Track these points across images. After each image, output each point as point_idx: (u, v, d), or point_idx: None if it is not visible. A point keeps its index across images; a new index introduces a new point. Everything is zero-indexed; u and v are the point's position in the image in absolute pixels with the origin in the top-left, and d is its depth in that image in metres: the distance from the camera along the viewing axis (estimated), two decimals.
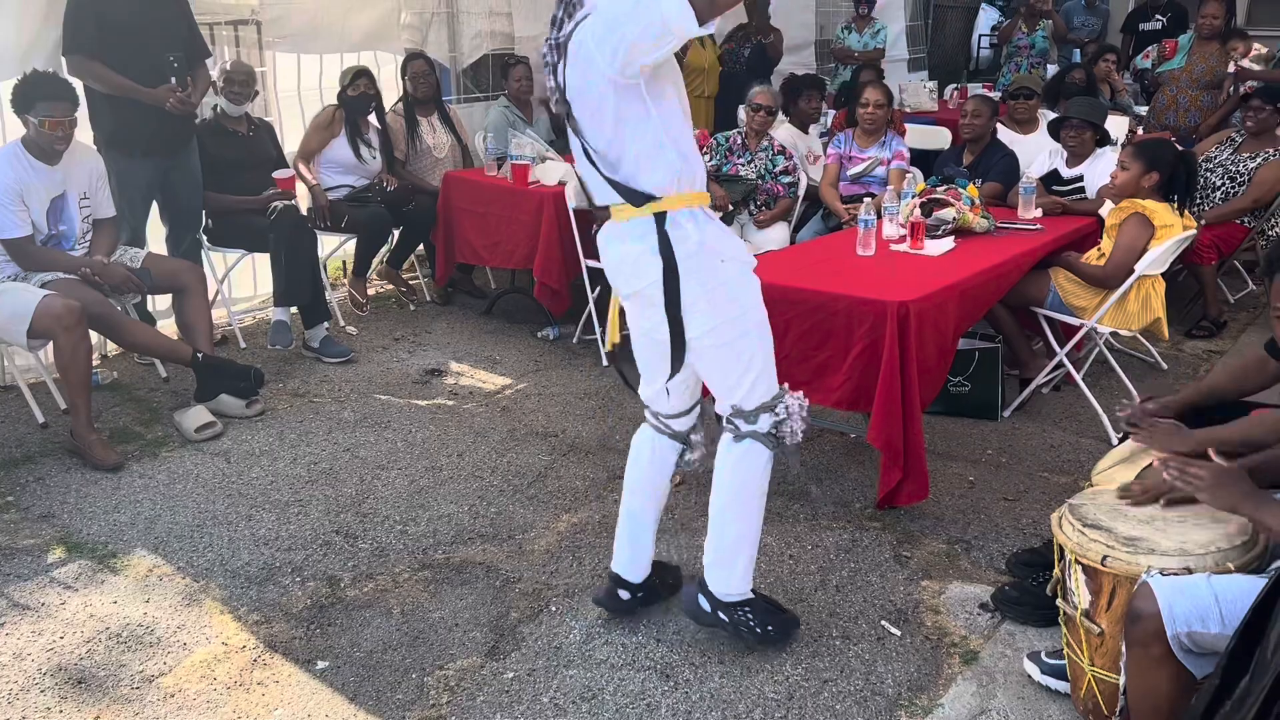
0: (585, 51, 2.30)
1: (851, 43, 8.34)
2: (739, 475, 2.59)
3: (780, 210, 5.36)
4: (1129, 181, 4.02)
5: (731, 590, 2.66)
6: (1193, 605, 1.92)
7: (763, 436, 2.54)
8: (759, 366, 2.51)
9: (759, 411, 2.53)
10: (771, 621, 2.70)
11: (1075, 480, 3.67)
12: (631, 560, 2.82)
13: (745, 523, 2.64)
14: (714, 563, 2.67)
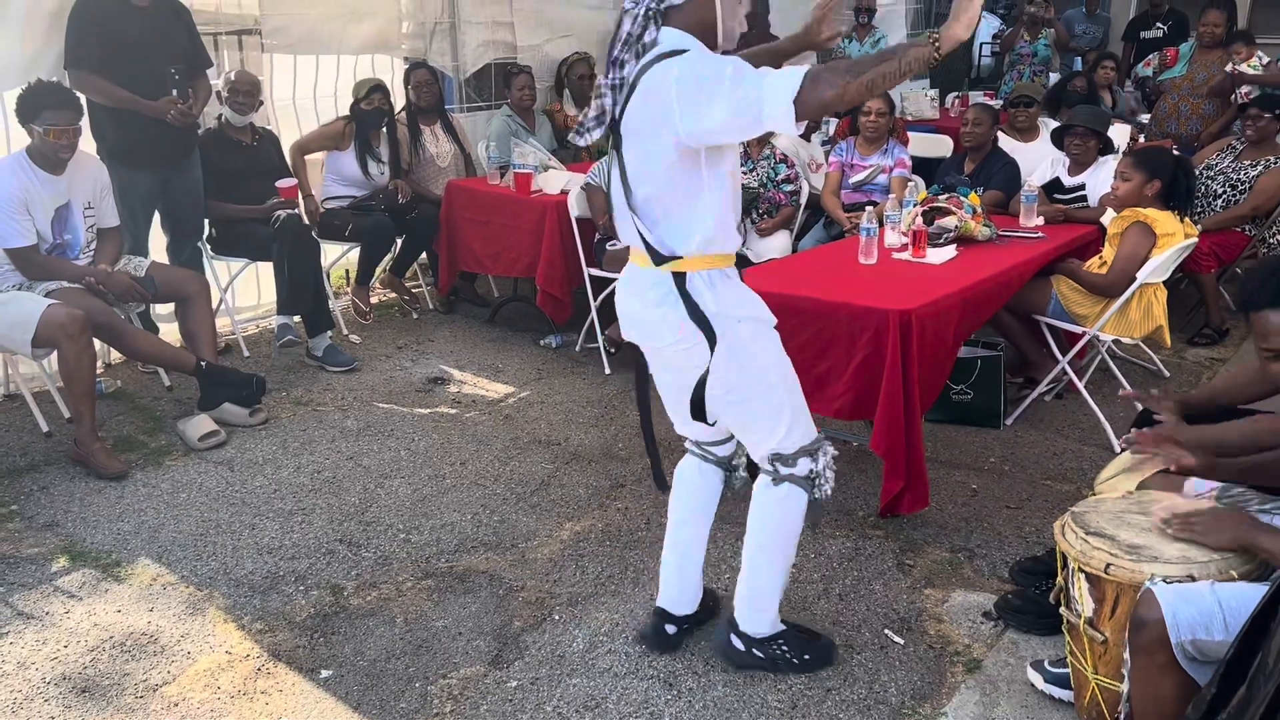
0: (661, 98, 2.22)
1: (852, 51, 8.35)
2: (777, 518, 2.56)
3: (782, 218, 5.36)
4: (1132, 191, 4.03)
5: (764, 628, 2.66)
6: (1197, 613, 1.93)
7: (801, 480, 2.51)
8: (789, 416, 2.48)
9: (798, 455, 2.50)
10: (808, 650, 2.68)
11: (1078, 488, 3.67)
12: (680, 593, 2.77)
13: (781, 565, 2.62)
14: (748, 604, 2.65)
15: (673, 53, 2.25)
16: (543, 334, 5.29)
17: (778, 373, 2.46)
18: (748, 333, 2.41)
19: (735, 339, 2.39)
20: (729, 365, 2.39)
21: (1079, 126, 4.84)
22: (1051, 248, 4.25)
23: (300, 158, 5.38)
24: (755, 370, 2.42)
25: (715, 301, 2.37)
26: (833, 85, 2.10)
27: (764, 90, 2.12)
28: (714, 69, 2.18)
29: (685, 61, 2.22)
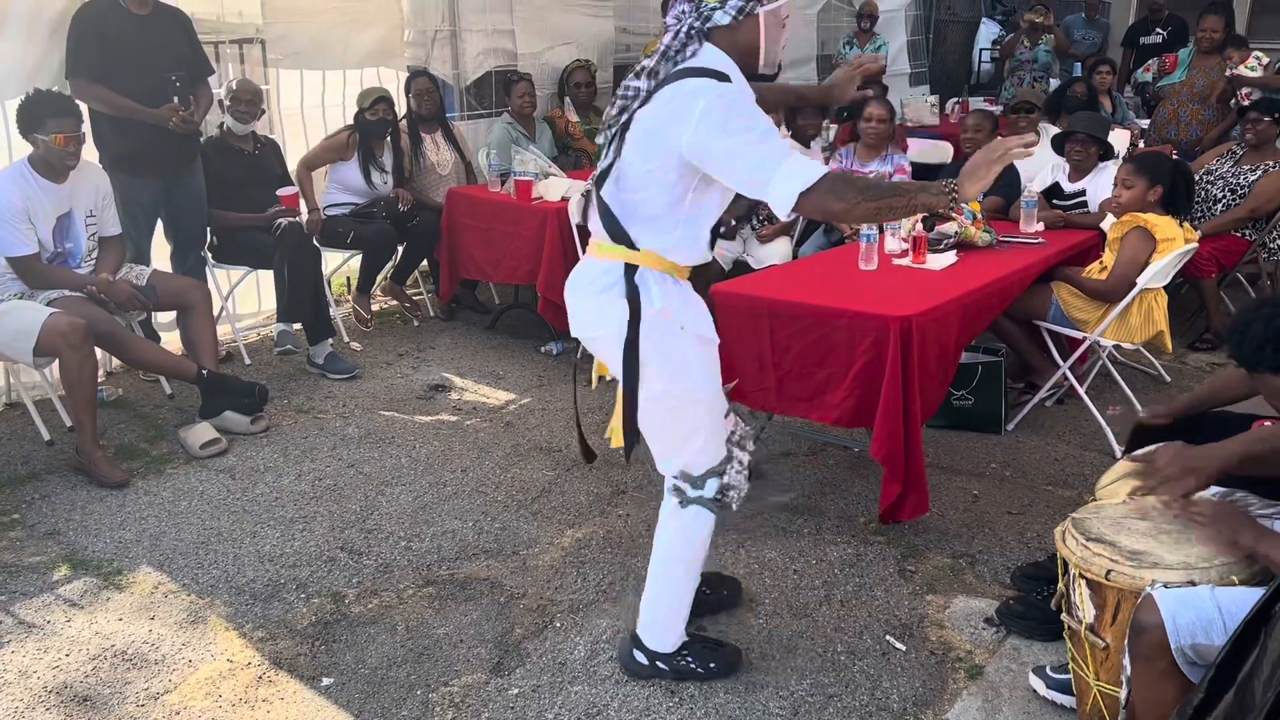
0: (684, 107, 2.22)
1: (851, 56, 8.36)
2: (682, 540, 2.57)
3: (782, 225, 5.37)
4: (1135, 198, 4.04)
5: (667, 644, 2.66)
6: (1197, 617, 1.92)
7: (708, 502, 2.53)
8: (705, 434, 2.50)
9: (707, 476, 2.52)
10: (713, 659, 2.68)
11: (1079, 494, 3.66)
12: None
13: (687, 584, 2.63)
14: (653, 621, 2.65)
15: (709, 71, 2.25)
16: (544, 341, 5.30)
17: (706, 391, 2.47)
18: (689, 343, 2.41)
19: (675, 346, 2.39)
20: (665, 371, 2.40)
21: (1080, 133, 4.85)
22: (1052, 253, 4.26)
23: (307, 174, 5.38)
24: (687, 383, 2.42)
25: (662, 298, 2.37)
26: (843, 199, 2.16)
27: (780, 168, 2.16)
28: (747, 117, 2.21)
29: (724, 92, 2.22)
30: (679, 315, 2.40)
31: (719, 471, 2.54)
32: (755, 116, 2.22)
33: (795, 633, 2.87)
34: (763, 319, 3.48)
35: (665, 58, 2.31)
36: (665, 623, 2.65)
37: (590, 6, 7.07)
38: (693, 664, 2.65)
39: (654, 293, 2.37)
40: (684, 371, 2.42)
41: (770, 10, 2.33)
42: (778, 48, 2.38)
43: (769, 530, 3.44)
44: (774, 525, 3.48)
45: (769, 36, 2.35)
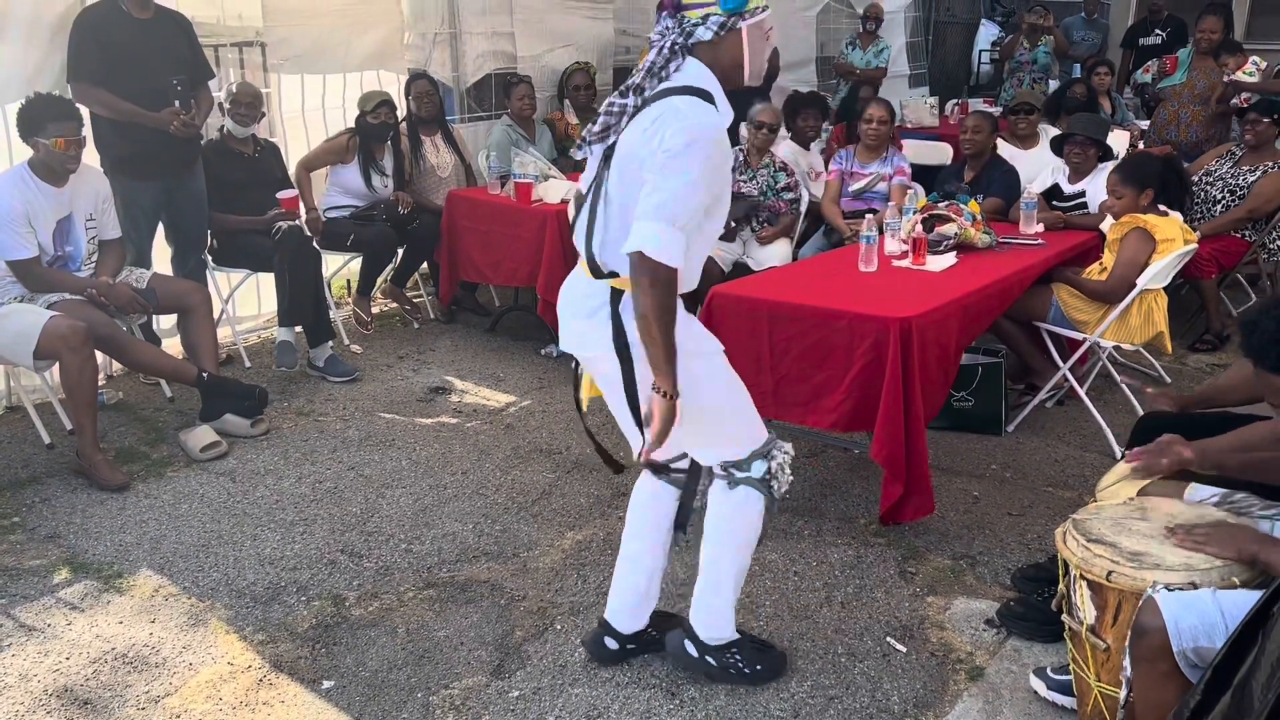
0: (658, 130, 2.21)
1: (855, 59, 8.38)
2: (734, 523, 2.54)
3: (782, 227, 5.37)
4: (1129, 206, 4.06)
5: (720, 635, 2.64)
6: (1199, 620, 1.92)
7: (757, 483, 2.50)
8: (732, 425, 2.48)
9: (753, 459, 2.50)
10: (760, 660, 2.67)
11: (1080, 495, 3.66)
12: (620, 608, 2.71)
13: (739, 570, 2.60)
14: (705, 609, 2.63)
15: (693, 90, 2.25)
16: (544, 343, 5.30)
17: (725, 398, 2.45)
18: (691, 350, 2.36)
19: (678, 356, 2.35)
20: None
21: (1079, 135, 4.85)
22: (1051, 254, 4.26)
23: (306, 175, 5.39)
24: (699, 386, 2.38)
25: None
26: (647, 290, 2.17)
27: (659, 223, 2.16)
28: (695, 170, 2.18)
29: (702, 139, 2.19)
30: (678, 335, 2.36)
31: (764, 454, 2.51)
32: (700, 169, 2.19)
33: (796, 634, 2.87)
34: (762, 321, 3.48)
35: (650, 74, 2.30)
36: (718, 611, 2.62)
37: (590, 9, 7.08)
38: (740, 662, 2.64)
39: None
40: (696, 392, 2.36)
41: (753, 24, 2.32)
42: (762, 60, 2.38)
43: (769, 532, 3.43)
44: (774, 527, 3.47)
45: (753, 50, 2.34)
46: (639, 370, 2.36)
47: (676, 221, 2.18)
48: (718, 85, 2.32)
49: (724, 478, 2.53)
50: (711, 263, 5.08)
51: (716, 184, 2.28)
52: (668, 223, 2.17)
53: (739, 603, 2.66)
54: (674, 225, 2.17)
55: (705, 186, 2.22)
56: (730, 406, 2.47)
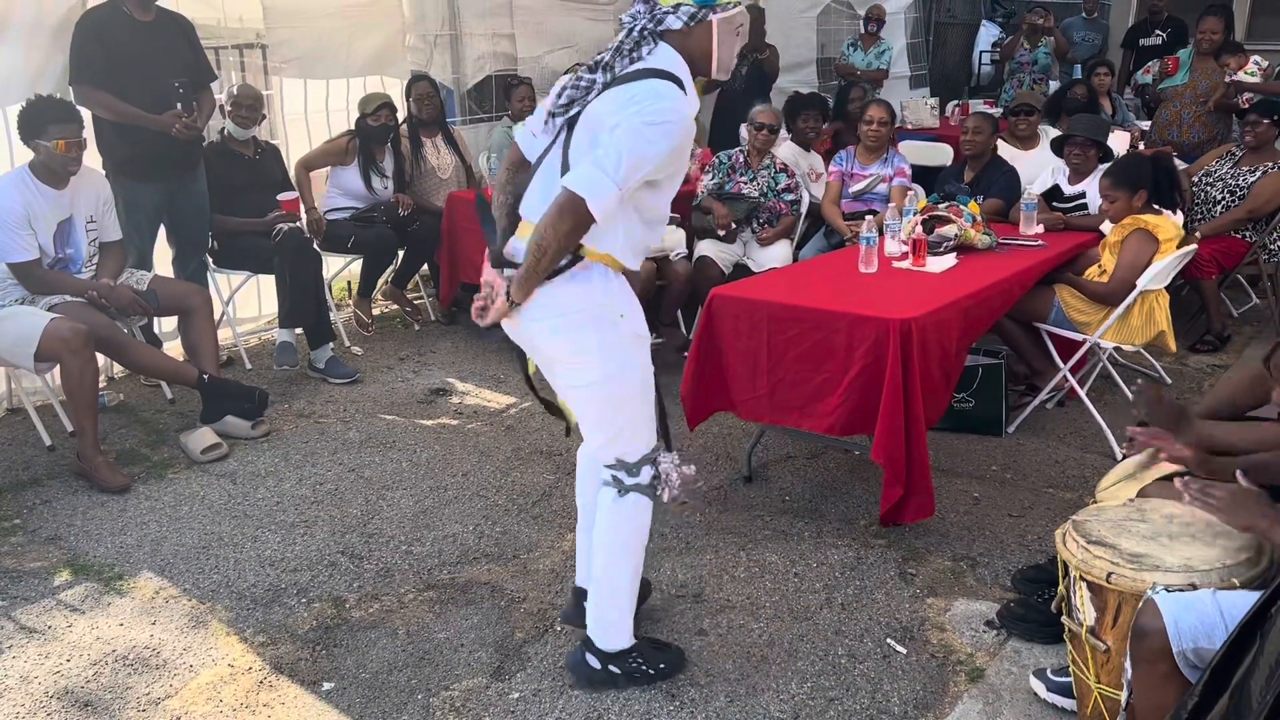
0: (624, 103, 2.28)
1: (856, 60, 8.38)
2: (625, 529, 2.58)
3: (783, 228, 5.37)
4: (1123, 209, 4.06)
5: (621, 642, 2.66)
6: (1199, 622, 1.92)
7: (645, 489, 2.55)
8: (640, 422, 2.53)
9: (641, 464, 2.55)
10: (661, 659, 2.70)
11: (1080, 496, 3.66)
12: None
13: (634, 575, 2.64)
14: (603, 621, 2.65)
15: (663, 73, 2.30)
16: None
17: (641, 378, 2.51)
18: (627, 332, 2.45)
19: (616, 335, 2.43)
20: (605, 358, 2.43)
21: (1079, 136, 4.85)
22: (1052, 255, 4.26)
23: (305, 175, 5.40)
24: (627, 371, 2.46)
25: (605, 293, 2.40)
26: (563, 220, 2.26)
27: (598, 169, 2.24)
28: (656, 141, 2.25)
29: (670, 115, 2.27)
30: (619, 306, 2.45)
31: (651, 459, 2.57)
32: (665, 149, 2.27)
33: (796, 636, 2.87)
34: (761, 322, 3.48)
35: (620, 54, 2.36)
36: (619, 620, 2.65)
37: (590, 10, 7.08)
38: (643, 665, 2.66)
39: (596, 283, 2.40)
40: (622, 361, 2.45)
41: (724, 18, 2.37)
42: (730, 54, 2.43)
43: (769, 534, 3.45)
44: (774, 529, 3.48)
45: (722, 44, 2.39)
46: (600, 337, 2.41)
47: (620, 181, 2.25)
48: (688, 73, 2.37)
49: (613, 486, 2.56)
50: (711, 264, 5.09)
51: (672, 166, 2.36)
52: (611, 178, 2.24)
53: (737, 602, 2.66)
54: (616, 183, 2.24)
55: (661, 165, 2.30)
56: (643, 396, 2.53)
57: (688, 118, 2.32)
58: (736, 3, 2.39)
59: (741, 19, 2.41)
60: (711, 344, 3.61)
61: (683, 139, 2.32)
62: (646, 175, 2.30)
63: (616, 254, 2.42)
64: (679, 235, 5.05)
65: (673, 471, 2.58)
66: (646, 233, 2.47)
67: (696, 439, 4.17)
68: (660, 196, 2.44)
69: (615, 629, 2.65)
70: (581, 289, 2.39)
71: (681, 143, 2.32)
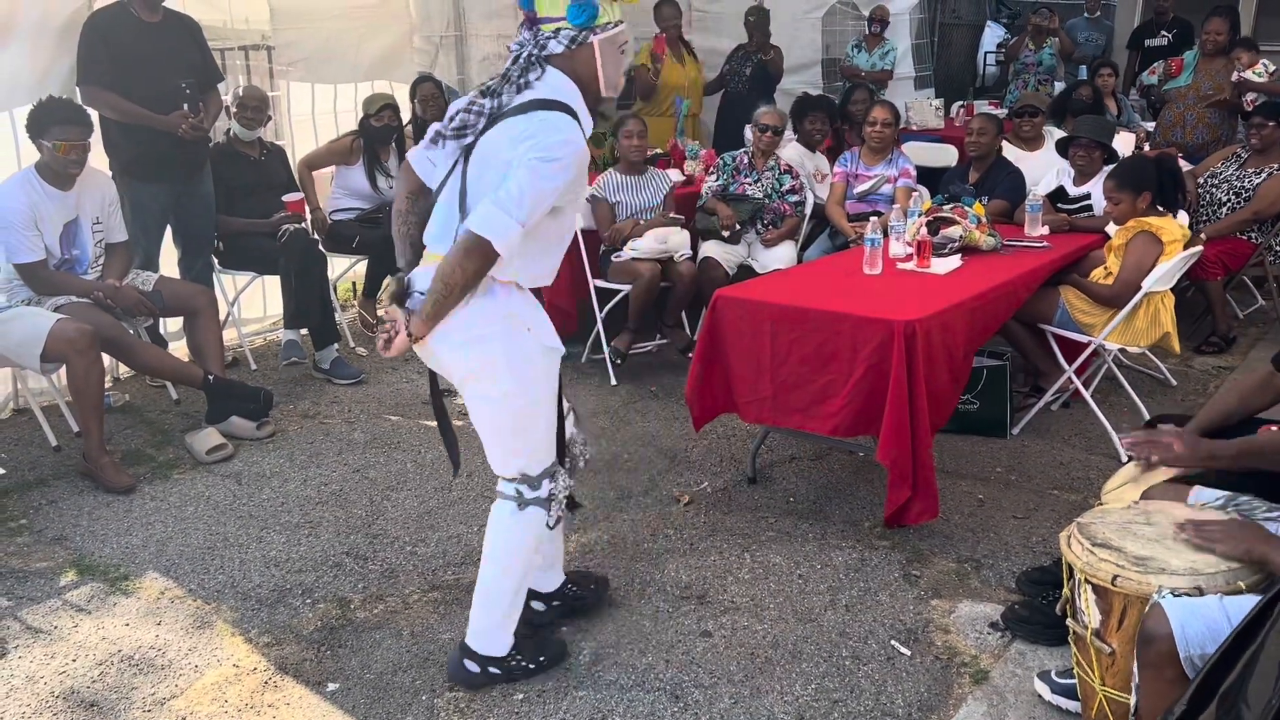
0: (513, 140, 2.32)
1: (860, 62, 8.37)
2: (519, 542, 2.61)
3: (787, 229, 5.37)
4: (1127, 211, 4.06)
5: (500, 647, 2.68)
6: (1206, 627, 1.92)
7: (543, 502, 2.58)
8: (542, 436, 2.57)
9: (542, 477, 2.58)
10: (542, 653, 2.72)
11: (1085, 498, 3.66)
12: (538, 570, 2.84)
13: (521, 585, 2.66)
14: (488, 628, 2.66)
15: (549, 103, 2.34)
16: None
17: (546, 392, 2.54)
18: (534, 346, 2.48)
19: (523, 348, 2.46)
20: (512, 372, 2.45)
21: (1084, 138, 4.84)
22: (1057, 257, 4.25)
23: (308, 172, 5.41)
24: (533, 384, 2.49)
25: (508, 306, 2.44)
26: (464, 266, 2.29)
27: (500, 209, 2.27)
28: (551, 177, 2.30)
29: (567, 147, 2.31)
30: (525, 319, 2.48)
31: (551, 473, 2.60)
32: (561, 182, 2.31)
33: (800, 637, 2.87)
34: (765, 324, 3.48)
35: (508, 81, 2.40)
36: (500, 627, 2.67)
37: None
38: (525, 663, 2.69)
39: (500, 301, 2.43)
40: (530, 373, 2.48)
41: (605, 39, 2.41)
42: (616, 73, 2.47)
43: (774, 535, 3.45)
44: (778, 530, 3.48)
45: (606, 63, 2.43)
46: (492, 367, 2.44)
47: (523, 219, 2.29)
48: (579, 97, 2.41)
49: (513, 500, 2.59)
50: (716, 265, 5.09)
51: (572, 193, 2.42)
52: (514, 216, 2.28)
53: (741, 604, 2.66)
54: (518, 221, 2.28)
55: (559, 193, 2.34)
56: (547, 410, 2.56)
57: (582, 147, 2.36)
58: (617, 22, 2.44)
59: (624, 37, 2.47)
60: (716, 345, 3.61)
61: (579, 169, 2.37)
62: (547, 207, 2.34)
63: (518, 279, 2.47)
64: (683, 237, 5.05)
65: (561, 494, 2.63)
66: (546, 257, 2.50)
67: (701, 440, 4.17)
68: (561, 222, 2.48)
69: (496, 635, 2.67)
70: (485, 305, 2.42)
71: (578, 172, 2.37)
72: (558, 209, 2.42)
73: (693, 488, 3.79)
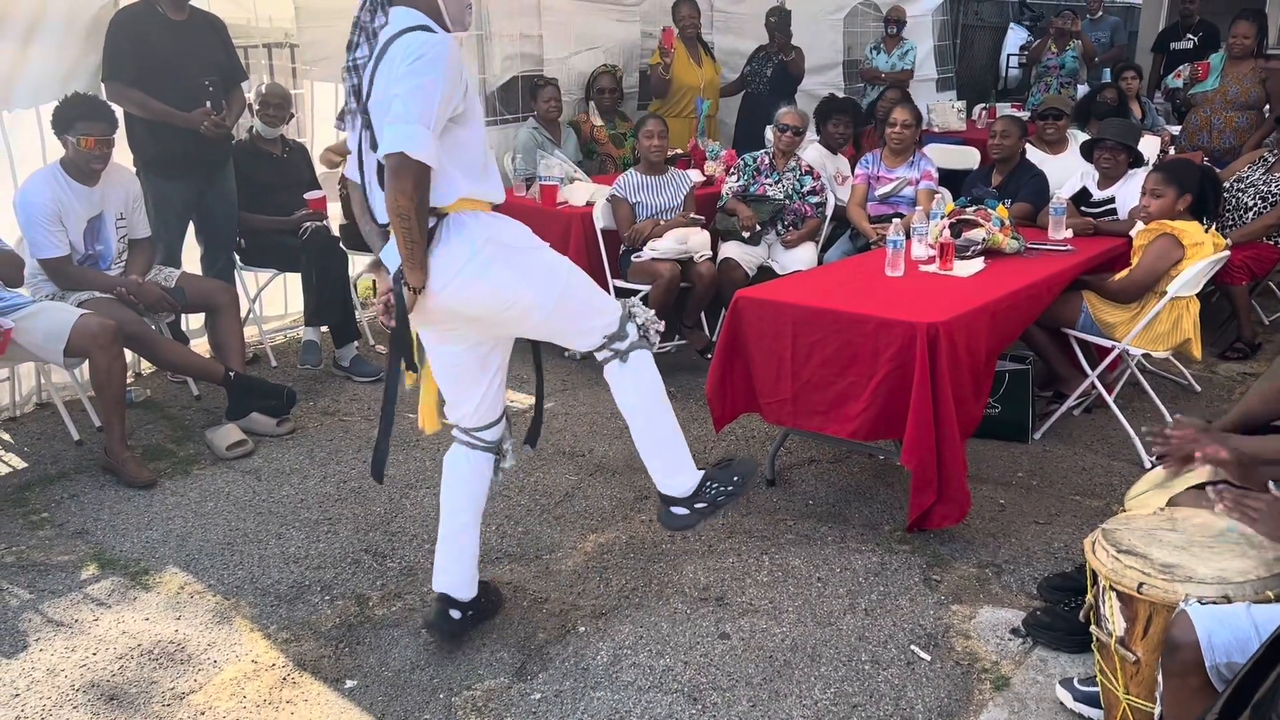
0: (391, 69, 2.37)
1: (879, 63, 8.34)
2: (645, 385, 2.68)
3: (808, 230, 5.35)
4: (1165, 207, 4.01)
5: (694, 480, 2.74)
6: (1232, 636, 1.89)
7: (639, 342, 2.66)
8: (597, 298, 2.65)
9: (624, 324, 2.65)
10: (735, 473, 2.78)
11: (1107, 504, 3.63)
12: (459, 578, 2.84)
13: (672, 423, 2.73)
14: (667, 473, 2.74)
15: (410, 28, 2.39)
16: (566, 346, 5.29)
17: (579, 276, 2.61)
18: (526, 246, 2.53)
19: (520, 256, 2.51)
20: (527, 280, 2.51)
21: (1108, 140, 4.80)
22: (1081, 260, 4.22)
23: (332, 159, 5.40)
24: (552, 273, 2.55)
25: (483, 228, 2.47)
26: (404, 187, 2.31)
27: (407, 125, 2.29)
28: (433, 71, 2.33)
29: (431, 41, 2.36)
30: (503, 234, 2.51)
31: (628, 315, 2.67)
32: (439, 73, 2.33)
33: (819, 641, 2.86)
34: (786, 325, 3.47)
35: (363, 32, 2.49)
36: (678, 465, 2.74)
37: (616, 11, 7.08)
38: (721, 487, 2.74)
39: (471, 227, 2.47)
40: (540, 270, 2.54)
41: None
42: (460, 10, 2.53)
43: (792, 538, 3.43)
44: (797, 532, 3.46)
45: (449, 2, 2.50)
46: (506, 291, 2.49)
47: (423, 120, 2.31)
48: (429, 19, 2.45)
49: (612, 356, 2.65)
50: (736, 266, 5.08)
51: (456, 87, 2.39)
52: (416, 122, 2.30)
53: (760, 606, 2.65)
54: (421, 123, 2.31)
55: (445, 86, 2.34)
56: (585, 282, 2.63)
57: (441, 43, 2.38)
58: None
59: None
60: (736, 346, 3.60)
61: (449, 59, 2.37)
62: (444, 109, 2.36)
63: (471, 195, 2.49)
64: (703, 237, 5.04)
65: (650, 317, 2.70)
66: (484, 172, 2.53)
67: (720, 442, 4.15)
68: (471, 130, 2.49)
69: (682, 473, 2.74)
70: (461, 237, 2.46)
71: (450, 63, 2.38)
72: (460, 118, 2.44)
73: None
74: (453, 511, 2.82)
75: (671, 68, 6.63)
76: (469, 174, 2.48)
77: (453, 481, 2.82)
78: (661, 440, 2.72)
